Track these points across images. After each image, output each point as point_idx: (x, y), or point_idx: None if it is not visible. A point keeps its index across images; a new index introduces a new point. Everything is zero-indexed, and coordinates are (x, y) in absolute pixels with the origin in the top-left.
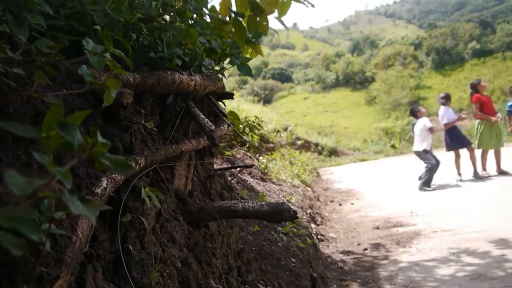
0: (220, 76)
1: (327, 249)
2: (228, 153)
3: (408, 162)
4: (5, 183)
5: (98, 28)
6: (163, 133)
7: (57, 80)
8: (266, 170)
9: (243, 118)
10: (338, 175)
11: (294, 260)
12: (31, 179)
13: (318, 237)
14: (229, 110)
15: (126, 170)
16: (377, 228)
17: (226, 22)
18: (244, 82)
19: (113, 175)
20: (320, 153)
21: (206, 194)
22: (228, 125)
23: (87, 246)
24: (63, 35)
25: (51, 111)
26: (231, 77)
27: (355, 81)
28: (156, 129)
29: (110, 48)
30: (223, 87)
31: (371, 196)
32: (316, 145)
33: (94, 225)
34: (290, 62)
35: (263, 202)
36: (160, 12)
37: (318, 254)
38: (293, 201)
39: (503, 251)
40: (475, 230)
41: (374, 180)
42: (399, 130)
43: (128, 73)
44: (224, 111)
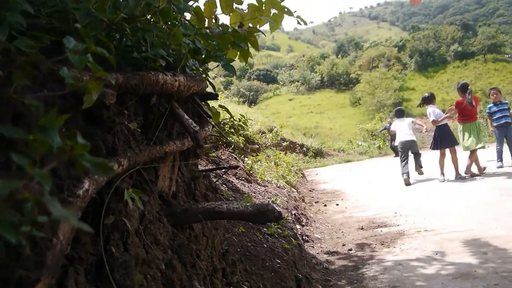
0: (204, 77)
1: (312, 250)
2: (213, 154)
3: (392, 163)
4: None
5: (78, 26)
6: (147, 134)
7: (38, 80)
8: (251, 171)
9: (228, 119)
10: (323, 176)
11: (279, 261)
12: (9, 180)
13: (303, 238)
14: (218, 104)
15: (107, 172)
16: (362, 228)
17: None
18: (230, 83)
19: (95, 176)
20: (305, 154)
21: (190, 196)
22: (213, 126)
23: (69, 248)
24: (44, 35)
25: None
26: (216, 78)
27: (339, 82)
28: (139, 130)
29: (91, 47)
30: (207, 87)
31: (356, 197)
32: (301, 146)
33: (75, 228)
34: (275, 63)
35: (248, 203)
36: (145, 12)
37: (303, 255)
38: (278, 202)
39: (485, 251)
40: (457, 230)
41: (358, 181)
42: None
43: (111, 74)
44: (209, 112)
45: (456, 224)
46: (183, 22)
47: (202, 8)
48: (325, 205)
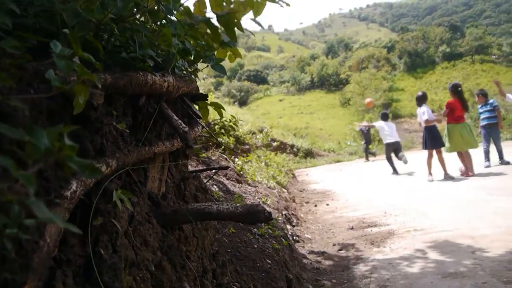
0: (193, 77)
1: (302, 250)
2: (203, 155)
3: (381, 163)
4: None
5: (66, 31)
6: (136, 135)
7: (24, 81)
8: (241, 172)
9: (218, 119)
10: (313, 176)
11: (269, 261)
12: None
13: (294, 238)
14: (211, 101)
15: (94, 174)
16: (352, 228)
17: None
18: (220, 84)
19: (83, 177)
20: (295, 154)
21: (180, 196)
22: (202, 127)
23: (56, 250)
24: (30, 35)
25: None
26: (207, 79)
27: (329, 83)
28: (128, 130)
29: (79, 52)
30: (197, 88)
31: (346, 197)
32: (292, 146)
33: (63, 229)
34: (265, 64)
35: (238, 204)
36: (134, 12)
37: (293, 255)
38: (268, 202)
39: (473, 249)
40: (446, 229)
41: (348, 181)
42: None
43: (98, 74)
44: (198, 113)
45: (444, 224)
46: (173, 22)
47: (192, 8)
48: (315, 205)
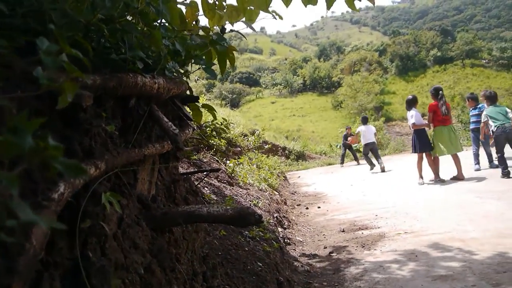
0: (184, 79)
1: (294, 253)
2: (194, 157)
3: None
4: None
5: (52, 27)
6: (126, 137)
7: (12, 80)
8: (233, 174)
9: (209, 122)
10: (305, 179)
11: (260, 264)
12: None
13: (285, 240)
14: (202, 103)
15: (80, 174)
16: (343, 231)
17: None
18: (212, 86)
19: (71, 179)
20: (287, 157)
21: (170, 199)
22: (193, 129)
23: (43, 253)
24: (18, 34)
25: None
26: (198, 81)
27: (321, 85)
28: (117, 132)
29: (65, 48)
30: (187, 90)
31: (337, 200)
32: (284, 149)
33: (50, 232)
34: (257, 66)
35: (228, 207)
36: (126, 13)
37: (284, 257)
38: (260, 205)
39: (463, 252)
40: (436, 232)
41: (340, 183)
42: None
43: (87, 75)
44: (189, 115)
45: (434, 226)
46: (163, 24)
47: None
48: (307, 208)
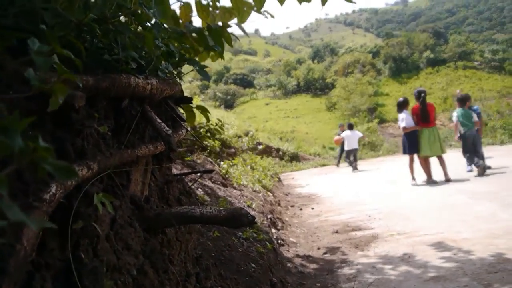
0: (178, 80)
1: (287, 254)
2: (188, 158)
3: (366, 167)
4: None
5: (43, 27)
6: (118, 138)
7: (3, 81)
8: (227, 175)
9: (204, 123)
10: (299, 180)
11: (254, 265)
12: None
13: (279, 242)
14: (196, 104)
15: (70, 176)
16: (337, 232)
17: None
18: (206, 87)
19: (60, 180)
20: (281, 158)
21: (163, 200)
22: (187, 130)
23: (34, 254)
24: (10, 34)
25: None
26: (193, 82)
27: (315, 87)
28: (110, 133)
29: (57, 48)
30: (181, 91)
31: (331, 201)
32: (278, 150)
33: (41, 233)
34: (252, 67)
35: (222, 208)
36: (119, 13)
37: (278, 259)
38: (253, 206)
39: (454, 253)
40: (428, 232)
41: (334, 185)
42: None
43: (80, 75)
44: (182, 116)
45: (427, 227)
46: (156, 25)
47: (178, 12)
48: (300, 209)
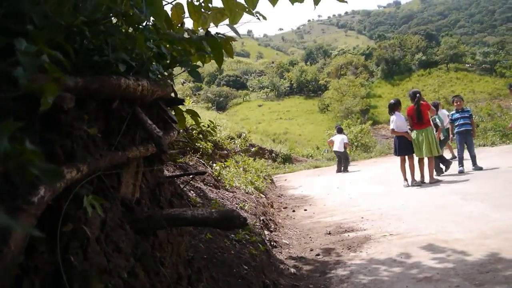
0: (169, 81)
1: (280, 255)
2: (180, 160)
3: (359, 168)
4: None
5: (31, 28)
6: (109, 140)
7: None
8: (219, 177)
9: (196, 124)
10: (292, 182)
11: (246, 267)
12: None
13: (271, 243)
14: (187, 108)
15: (57, 179)
16: (329, 233)
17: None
18: (199, 88)
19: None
20: (274, 160)
21: (155, 202)
22: (178, 132)
23: (22, 257)
24: None
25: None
26: (185, 84)
27: (308, 89)
28: (100, 135)
29: (44, 49)
30: (174, 92)
31: (324, 202)
32: (270, 152)
33: (29, 236)
34: (245, 69)
35: (213, 210)
36: (110, 15)
37: (271, 260)
38: (246, 208)
39: (446, 253)
40: (420, 233)
41: (326, 186)
42: (351, 137)
43: (70, 76)
44: (174, 117)
45: (419, 228)
46: (147, 26)
47: (170, 13)
48: (293, 211)
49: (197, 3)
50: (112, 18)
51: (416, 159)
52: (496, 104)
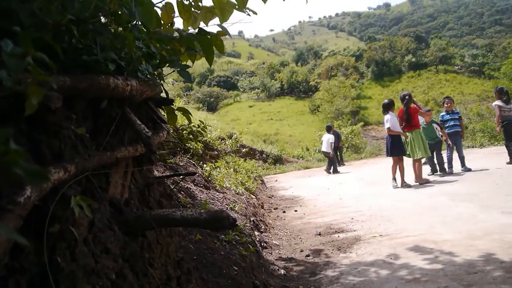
0: (159, 81)
1: (270, 256)
2: (170, 161)
3: (349, 169)
4: None
5: (17, 29)
6: (97, 140)
7: None
8: (209, 178)
9: (186, 125)
10: (282, 183)
11: (236, 268)
12: None
13: (262, 244)
14: (178, 106)
15: (41, 180)
16: (319, 234)
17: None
18: (189, 89)
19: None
20: (265, 160)
21: (144, 203)
22: (167, 132)
23: (7, 258)
24: None
25: None
26: (176, 84)
27: (299, 90)
28: (89, 135)
29: (30, 50)
30: (162, 92)
31: (314, 203)
32: (261, 153)
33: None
34: (235, 70)
35: (203, 210)
36: (99, 14)
37: (261, 261)
38: (236, 208)
39: (435, 254)
40: (410, 234)
41: (317, 187)
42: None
43: (57, 76)
44: (163, 118)
45: (408, 229)
46: (136, 26)
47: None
48: (284, 212)
49: (187, 2)
50: (101, 17)
51: (407, 160)
52: (484, 106)
